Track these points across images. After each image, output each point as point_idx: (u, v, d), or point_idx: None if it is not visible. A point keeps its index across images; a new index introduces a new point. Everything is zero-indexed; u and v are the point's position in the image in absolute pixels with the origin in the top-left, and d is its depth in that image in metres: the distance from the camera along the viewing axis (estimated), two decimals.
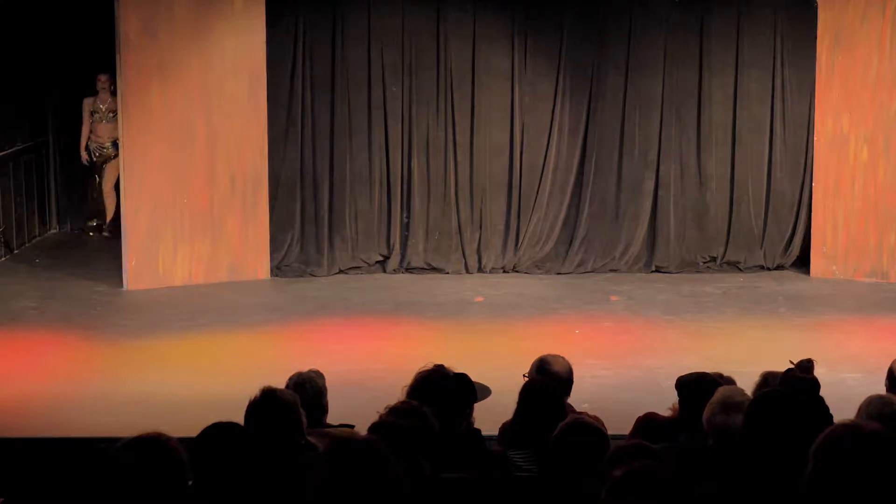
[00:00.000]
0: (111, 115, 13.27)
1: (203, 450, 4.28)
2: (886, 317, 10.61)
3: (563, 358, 6.17)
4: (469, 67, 12.34)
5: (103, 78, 13.31)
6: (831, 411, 5.46)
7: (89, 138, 13.62)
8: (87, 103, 13.60)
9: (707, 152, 12.43)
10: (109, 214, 13.70)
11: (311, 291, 11.60)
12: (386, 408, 4.80)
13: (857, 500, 3.62)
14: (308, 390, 5.66)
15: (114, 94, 12.82)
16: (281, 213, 12.24)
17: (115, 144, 13.03)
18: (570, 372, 6.12)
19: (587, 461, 4.39)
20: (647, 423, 5.57)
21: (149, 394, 8.44)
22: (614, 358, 9.30)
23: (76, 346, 9.87)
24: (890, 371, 6.04)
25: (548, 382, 5.66)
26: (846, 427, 3.75)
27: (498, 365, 8.04)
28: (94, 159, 13.69)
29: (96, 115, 13.58)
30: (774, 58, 12.27)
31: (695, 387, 5.44)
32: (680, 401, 5.60)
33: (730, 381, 5.62)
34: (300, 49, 12.18)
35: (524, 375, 5.96)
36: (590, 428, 4.58)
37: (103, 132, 13.56)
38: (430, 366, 5.45)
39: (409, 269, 12.34)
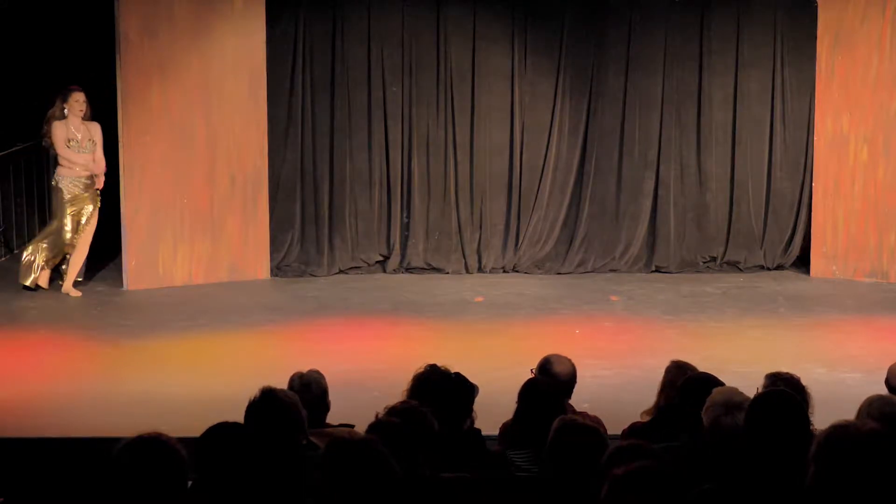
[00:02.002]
0: (90, 143, 11.14)
1: (207, 450, 4.28)
2: (886, 317, 10.60)
3: (567, 359, 6.18)
4: (469, 67, 12.33)
5: (80, 98, 11.08)
6: (831, 411, 5.45)
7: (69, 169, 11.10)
8: (60, 130, 11.02)
9: (707, 152, 12.42)
10: (74, 271, 11.30)
11: (311, 291, 11.60)
12: (385, 408, 4.81)
13: (857, 500, 3.62)
14: (314, 390, 5.67)
15: (84, 117, 11.16)
16: (281, 213, 12.24)
17: (91, 182, 11.21)
18: (572, 373, 6.13)
19: (582, 461, 4.40)
20: (632, 433, 5.58)
21: (149, 394, 8.42)
22: (614, 358, 9.28)
23: (76, 346, 9.86)
24: (887, 381, 6.05)
25: (548, 382, 5.66)
26: (845, 427, 3.76)
27: (498, 365, 8.05)
28: (65, 198, 11.11)
29: (73, 144, 11.06)
30: (774, 58, 12.27)
31: (694, 387, 5.44)
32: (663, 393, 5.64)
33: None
34: (300, 49, 12.17)
35: (532, 370, 5.98)
36: (582, 427, 4.59)
37: (81, 164, 11.16)
38: (423, 367, 5.45)
39: (409, 269, 12.34)
